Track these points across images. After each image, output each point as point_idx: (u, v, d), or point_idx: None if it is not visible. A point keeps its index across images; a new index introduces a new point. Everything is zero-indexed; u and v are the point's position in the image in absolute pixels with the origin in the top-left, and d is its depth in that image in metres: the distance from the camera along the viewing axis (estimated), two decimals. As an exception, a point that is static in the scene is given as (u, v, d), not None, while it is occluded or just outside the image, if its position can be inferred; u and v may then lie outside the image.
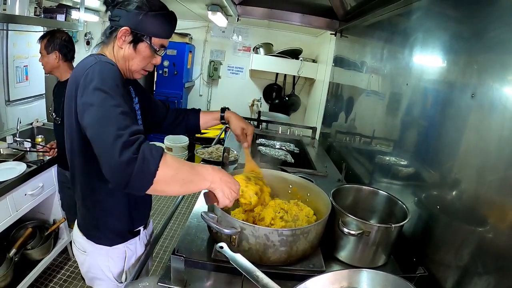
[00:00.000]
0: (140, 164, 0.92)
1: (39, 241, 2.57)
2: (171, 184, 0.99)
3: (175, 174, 0.98)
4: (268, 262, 1.15)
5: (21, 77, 3.50)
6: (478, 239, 1.04)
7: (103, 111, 0.99)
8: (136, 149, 0.93)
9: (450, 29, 1.37)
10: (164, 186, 0.97)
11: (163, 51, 1.30)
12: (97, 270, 1.40)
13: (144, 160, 0.92)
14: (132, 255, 1.46)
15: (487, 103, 1.07)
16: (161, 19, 1.22)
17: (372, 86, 2.17)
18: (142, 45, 1.23)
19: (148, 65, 1.31)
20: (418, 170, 1.47)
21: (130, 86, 1.43)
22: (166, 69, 4.99)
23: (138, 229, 1.47)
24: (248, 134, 1.64)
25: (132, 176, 0.91)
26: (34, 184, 2.38)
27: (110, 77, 1.07)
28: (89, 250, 1.37)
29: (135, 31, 1.19)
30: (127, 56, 1.24)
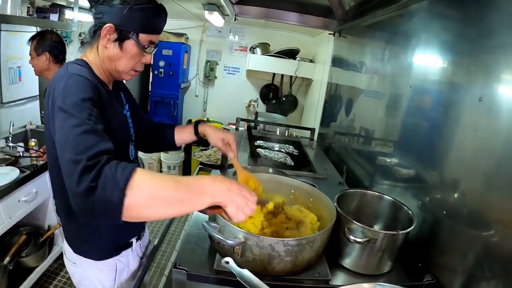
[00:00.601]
0: (101, 193, 0.78)
1: (33, 248, 2.53)
2: (151, 207, 0.81)
3: (151, 195, 0.81)
4: (273, 272, 1.11)
5: (15, 78, 3.44)
6: (485, 243, 1.02)
7: (62, 133, 0.90)
8: (95, 175, 0.79)
9: (454, 30, 1.35)
10: (141, 211, 0.81)
11: (153, 48, 1.20)
12: (87, 282, 1.35)
13: (106, 188, 0.78)
14: (123, 268, 1.39)
15: (494, 105, 1.04)
16: (148, 12, 1.11)
17: (372, 87, 2.14)
18: (128, 42, 1.12)
19: (137, 65, 1.20)
20: (421, 173, 1.45)
21: (121, 92, 1.38)
22: (161, 69, 4.93)
23: (130, 241, 1.41)
24: (230, 143, 1.47)
25: (94, 208, 0.78)
26: (27, 190, 2.32)
27: (72, 93, 0.96)
28: (78, 262, 1.32)
29: (120, 27, 1.09)
30: (113, 56, 1.14)
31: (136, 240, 1.44)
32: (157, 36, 1.19)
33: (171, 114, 5.12)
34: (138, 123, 1.45)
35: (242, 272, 0.88)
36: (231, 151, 1.47)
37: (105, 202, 0.78)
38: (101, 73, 1.18)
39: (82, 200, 0.78)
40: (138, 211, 0.81)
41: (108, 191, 0.78)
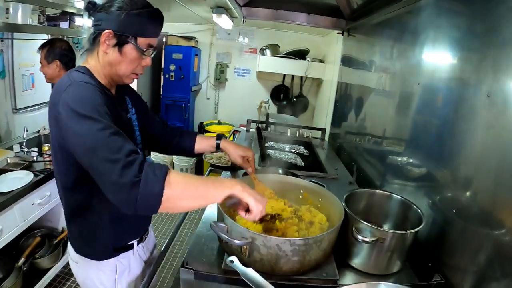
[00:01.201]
0: (144, 186, 0.91)
1: (47, 250, 2.58)
2: (184, 199, 0.98)
3: (184, 189, 0.98)
4: (280, 272, 1.11)
5: (28, 85, 3.51)
6: (496, 242, 1.00)
7: (91, 138, 0.96)
8: (137, 170, 0.92)
9: (462, 25, 1.32)
10: (176, 202, 0.97)
11: (151, 51, 1.22)
12: (90, 281, 1.38)
13: (148, 181, 0.91)
14: (124, 270, 1.41)
15: (503, 101, 1.02)
16: (144, 17, 1.14)
17: (382, 85, 2.12)
18: (127, 47, 1.15)
19: (137, 68, 1.23)
20: (432, 171, 1.43)
21: (126, 96, 1.41)
22: (172, 73, 4.98)
23: (131, 243, 1.42)
24: (250, 160, 1.57)
25: (138, 199, 0.90)
26: (41, 193, 2.36)
27: (87, 99, 1.02)
28: (80, 261, 1.36)
29: (118, 33, 1.12)
30: (113, 60, 1.16)
31: (137, 243, 1.45)
32: (155, 39, 1.22)
33: (183, 117, 5.16)
34: (148, 125, 1.51)
35: (246, 271, 0.88)
36: (249, 167, 1.56)
37: (148, 194, 0.91)
38: (102, 78, 1.21)
39: (127, 193, 0.90)
40: (174, 202, 0.96)
41: (150, 185, 0.91)
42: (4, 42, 3.10)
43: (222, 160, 2.29)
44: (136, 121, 1.41)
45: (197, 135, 1.63)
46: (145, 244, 1.53)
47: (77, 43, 5.31)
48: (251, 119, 3.19)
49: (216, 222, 1.13)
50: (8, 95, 3.22)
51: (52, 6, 2.93)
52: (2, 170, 2.31)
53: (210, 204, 1.08)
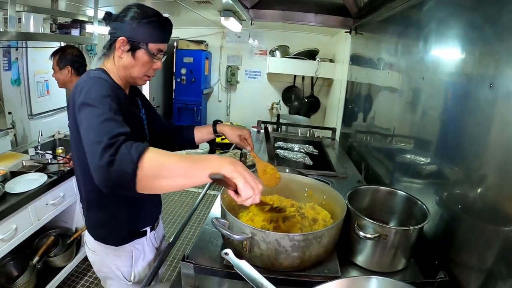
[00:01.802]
0: (118, 165, 0.90)
1: (61, 249, 2.65)
2: (162, 178, 0.92)
3: (160, 167, 0.92)
4: (281, 267, 1.11)
5: (42, 92, 3.61)
6: (504, 239, 0.97)
7: (87, 123, 1.03)
8: (114, 151, 0.92)
9: (463, 16, 1.31)
10: (153, 182, 0.92)
11: (161, 55, 1.34)
12: (106, 269, 1.48)
13: (122, 161, 0.90)
14: (139, 255, 1.51)
15: (507, 93, 1.00)
16: (154, 25, 1.26)
17: (389, 82, 2.10)
18: (139, 52, 1.27)
19: (149, 71, 1.35)
20: (439, 167, 1.40)
21: (137, 97, 1.51)
22: (183, 76, 5.04)
23: (145, 230, 1.52)
24: (246, 138, 1.62)
25: (112, 178, 0.90)
26: (55, 194, 2.43)
27: (94, 90, 1.10)
28: (97, 249, 1.45)
29: (131, 39, 1.25)
30: (127, 64, 1.29)
31: (150, 230, 1.55)
32: (165, 44, 1.33)
33: (195, 120, 5.21)
34: (156, 125, 1.61)
35: (240, 263, 0.89)
36: (248, 145, 1.61)
37: (121, 173, 0.90)
38: (118, 79, 1.33)
39: (103, 172, 0.91)
40: (150, 182, 0.92)
41: (124, 164, 0.90)
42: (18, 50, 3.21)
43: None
44: (145, 120, 1.51)
45: (195, 127, 1.71)
46: (156, 232, 1.63)
47: (90, 50, 5.44)
48: (261, 121, 3.20)
49: (218, 218, 1.15)
50: (24, 102, 3.32)
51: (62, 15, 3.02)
52: (18, 172, 2.39)
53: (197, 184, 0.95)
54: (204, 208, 4.29)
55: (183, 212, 4.22)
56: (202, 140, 1.71)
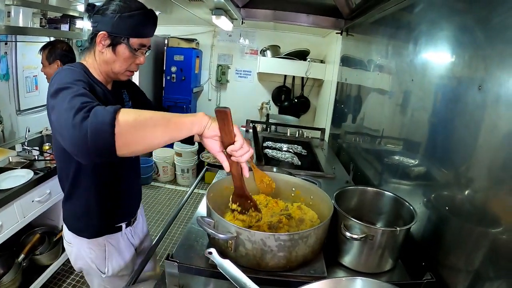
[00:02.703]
0: (93, 120, 0.84)
1: (47, 247, 2.61)
2: (140, 129, 0.87)
3: (137, 117, 0.88)
4: (267, 267, 1.10)
5: (31, 87, 3.55)
6: (491, 241, 0.98)
7: (59, 103, 0.95)
8: (87, 110, 0.86)
9: (454, 19, 1.31)
10: (131, 134, 0.87)
11: (144, 50, 1.31)
12: (81, 260, 1.50)
13: (97, 115, 0.84)
14: (113, 250, 1.52)
15: (496, 95, 1.00)
16: (137, 18, 1.22)
17: (378, 84, 2.12)
18: (120, 47, 1.24)
19: (131, 66, 1.31)
20: (427, 169, 1.41)
21: (123, 89, 1.50)
22: (173, 74, 5.00)
23: (120, 225, 1.54)
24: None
25: (88, 135, 0.83)
26: (41, 191, 2.39)
27: (65, 77, 1.06)
28: (73, 241, 1.47)
29: (112, 34, 1.22)
30: (108, 59, 1.26)
31: (126, 226, 1.57)
32: (148, 39, 1.30)
33: (184, 118, 5.16)
34: None
35: (223, 262, 0.88)
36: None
37: (98, 126, 0.83)
38: (98, 75, 1.31)
39: (77, 132, 0.83)
40: (130, 134, 0.86)
41: (100, 117, 0.84)
42: (8, 45, 3.15)
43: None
44: None
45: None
46: (133, 228, 1.64)
47: (80, 46, 5.38)
48: (250, 120, 3.20)
49: (203, 217, 1.14)
50: (12, 97, 3.26)
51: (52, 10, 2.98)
52: (4, 168, 2.35)
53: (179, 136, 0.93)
54: (191, 207, 4.27)
55: (170, 210, 4.20)
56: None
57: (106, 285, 1.57)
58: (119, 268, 1.55)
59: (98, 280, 1.56)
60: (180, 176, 5.04)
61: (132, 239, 1.64)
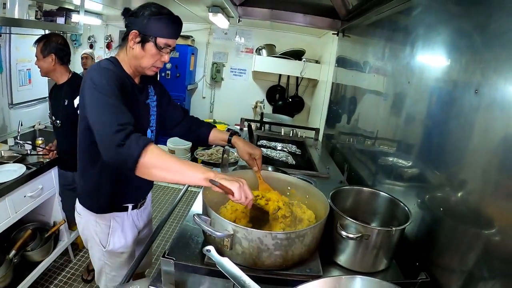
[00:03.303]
0: (126, 149, 1.14)
1: (39, 243, 2.57)
2: (157, 169, 1.16)
3: (159, 160, 1.16)
4: (263, 266, 1.11)
5: (24, 81, 3.51)
6: (484, 242, 0.99)
7: (98, 106, 1.24)
8: (125, 136, 1.15)
9: (451, 23, 1.33)
10: (151, 169, 1.16)
11: (169, 49, 1.45)
12: (87, 232, 1.65)
13: (131, 146, 1.14)
14: (117, 227, 1.66)
15: (492, 99, 1.02)
16: (164, 21, 1.39)
17: (374, 85, 2.13)
18: (148, 44, 1.40)
19: (157, 62, 1.46)
20: (421, 170, 1.42)
21: (150, 85, 1.65)
22: (168, 71, 4.98)
23: (126, 206, 1.66)
24: (256, 158, 1.62)
25: (119, 158, 1.15)
26: (33, 186, 2.37)
27: (102, 78, 1.28)
28: (82, 213, 1.63)
29: (142, 33, 1.39)
30: (137, 54, 1.42)
31: (132, 208, 1.69)
32: (173, 40, 1.46)
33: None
34: (169, 113, 1.77)
35: (222, 261, 0.88)
36: (256, 166, 1.61)
37: (128, 155, 1.14)
38: (128, 68, 1.49)
39: (114, 151, 1.15)
40: (149, 169, 1.16)
41: (132, 149, 1.14)
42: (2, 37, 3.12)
43: (213, 157, 2.31)
44: (155, 107, 1.65)
45: (213, 129, 1.82)
46: (140, 211, 1.77)
47: (75, 40, 5.33)
48: (245, 118, 3.19)
49: (200, 215, 1.13)
50: (5, 90, 3.23)
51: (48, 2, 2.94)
52: (-4, 162, 2.31)
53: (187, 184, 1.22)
54: (183, 205, 4.26)
55: (162, 207, 4.17)
56: (214, 142, 1.82)
57: (106, 260, 1.69)
58: (120, 245, 1.67)
59: (99, 254, 1.68)
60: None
61: (137, 221, 1.77)
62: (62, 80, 2.39)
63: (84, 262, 3.00)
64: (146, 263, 2.07)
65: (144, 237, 1.90)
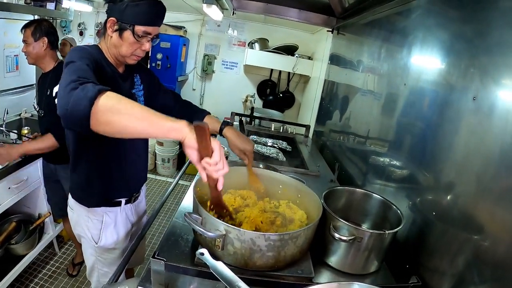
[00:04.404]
0: (79, 93, 0.93)
1: (23, 236, 2.51)
2: (116, 114, 0.93)
3: (117, 103, 0.94)
4: (254, 267, 1.09)
5: (12, 67, 3.42)
6: (476, 247, 1.00)
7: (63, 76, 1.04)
8: (79, 83, 0.96)
9: (451, 28, 1.32)
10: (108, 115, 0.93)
11: (149, 38, 1.39)
12: (79, 227, 1.61)
13: (84, 88, 0.94)
14: (110, 223, 1.61)
15: (489, 106, 1.02)
16: (142, 8, 1.32)
17: (368, 85, 2.12)
18: (126, 33, 1.34)
19: (137, 51, 1.41)
20: (413, 173, 1.43)
21: (137, 74, 1.59)
22: (159, 61, 4.90)
23: (119, 201, 1.62)
24: (247, 153, 1.59)
25: (70, 103, 0.93)
26: (18, 177, 2.31)
27: (75, 54, 1.18)
28: (74, 207, 1.59)
29: (120, 20, 1.33)
30: (115, 43, 1.37)
31: (125, 202, 1.65)
32: (153, 28, 1.38)
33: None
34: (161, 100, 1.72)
35: (216, 264, 0.86)
36: (246, 159, 1.59)
37: (80, 98, 0.92)
38: (110, 57, 1.43)
39: (64, 97, 0.95)
40: (106, 114, 0.93)
41: (85, 90, 0.93)
42: (-11, 22, 3.03)
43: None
44: (142, 97, 1.60)
45: (207, 115, 1.75)
46: (134, 206, 1.73)
47: (64, 27, 5.21)
48: (235, 112, 3.16)
49: (191, 213, 1.11)
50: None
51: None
52: (-21, 151, 2.24)
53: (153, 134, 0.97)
54: (172, 198, 4.22)
55: (150, 200, 4.13)
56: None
57: (98, 256, 1.65)
58: (112, 240, 1.63)
59: (91, 249, 1.64)
60: (161, 166, 4.97)
61: (131, 216, 1.73)
62: (49, 67, 2.30)
63: (70, 255, 2.95)
64: (138, 259, 2.04)
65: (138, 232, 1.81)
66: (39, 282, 2.61)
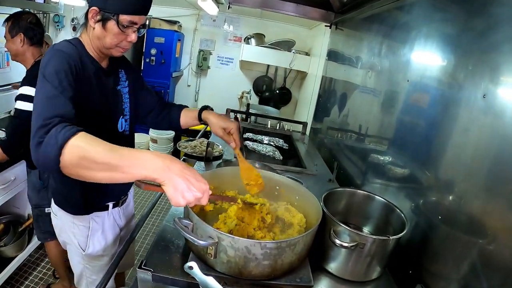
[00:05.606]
0: (44, 148, 0.90)
1: (12, 237, 2.43)
2: (84, 169, 0.88)
3: (83, 157, 0.87)
4: (249, 276, 1.02)
5: (2, 63, 3.33)
6: (482, 251, 0.95)
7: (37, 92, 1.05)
8: (44, 133, 0.91)
9: (457, 23, 1.26)
10: (76, 170, 0.89)
11: (135, 28, 1.29)
12: (65, 234, 1.52)
13: (48, 144, 0.89)
14: (97, 229, 1.52)
15: (499, 104, 0.96)
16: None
17: (368, 81, 2.05)
18: (110, 23, 1.23)
19: (122, 43, 1.30)
20: (417, 174, 1.37)
21: (121, 69, 1.50)
22: (153, 57, 4.82)
23: (106, 205, 1.53)
24: (232, 132, 1.48)
25: (40, 160, 0.91)
26: (6, 177, 2.22)
27: (51, 64, 1.10)
28: (58, 214, 1.50)
29: (102, 10, 1.21)
30: (99, 34, 1.26)
31: (113, 206, 1.56)
32: (139, 17, 1.27)
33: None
34: (142, 99, 1.62)
35: (207, 280, 0.79)
36: (233, 141, 1.49)
37: (46, 156, 0.89)
38: (92, 51, 1.32)
39: (33, 152, 0.92)
40: (74, 170, 0.89)
41: (48, 148, 0.89)
42: (-22, 16, 2.93)
43: (197, 150, 2.20)
44: (127, 93, 1.50)
45: (184, 109, 1.66)
46: (122, 209, 1.65)
47: (57, 22, 5.10)
48: (230, 109, 3.09)
49: (181, 218, 1.03)
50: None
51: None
52: (-33, 150, 2.15)
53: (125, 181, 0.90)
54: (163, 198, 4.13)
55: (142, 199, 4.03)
56: (188, 124, 1.65)
57: (86, 263, 1.56)
58: (100, 247, 1.54)
59: (78, 257, 1.55)
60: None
61: (119, 220, 1.64)
62: (29, 65, 2.16)
63: (60, 257, 2.87)
64: (128, 263, 1.96)
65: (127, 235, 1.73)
66: (30, 285, 2.52)
